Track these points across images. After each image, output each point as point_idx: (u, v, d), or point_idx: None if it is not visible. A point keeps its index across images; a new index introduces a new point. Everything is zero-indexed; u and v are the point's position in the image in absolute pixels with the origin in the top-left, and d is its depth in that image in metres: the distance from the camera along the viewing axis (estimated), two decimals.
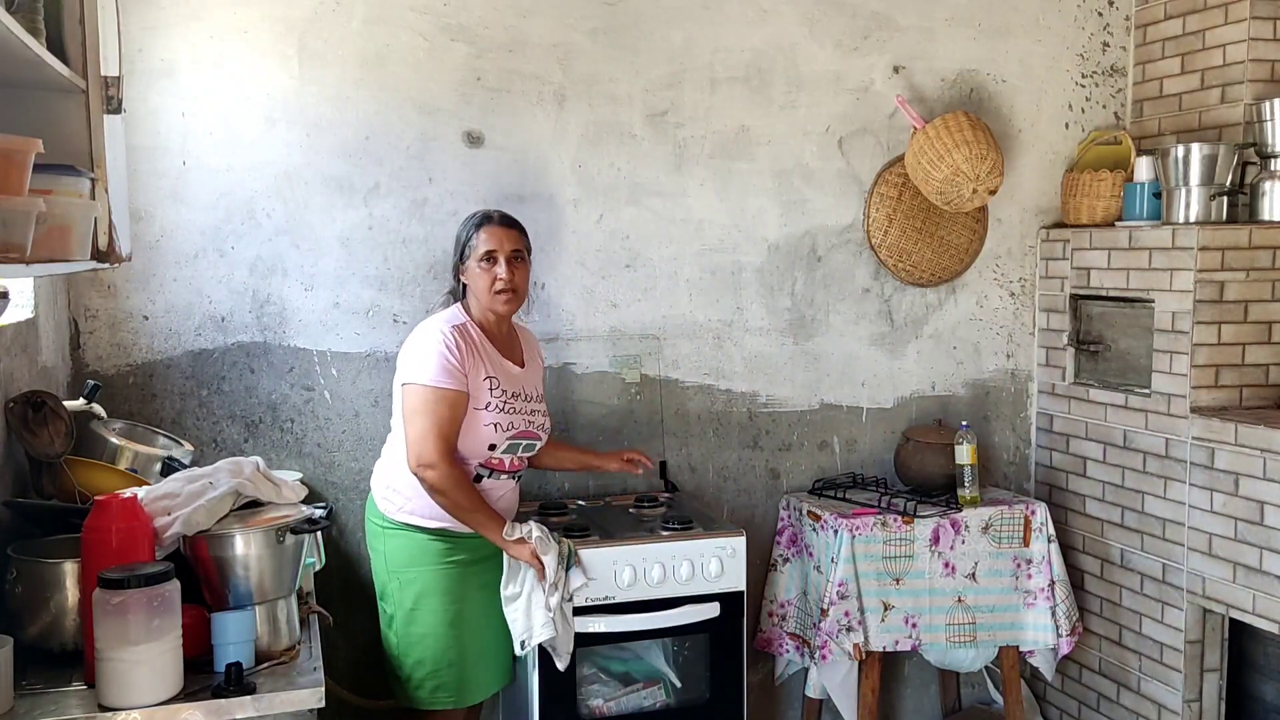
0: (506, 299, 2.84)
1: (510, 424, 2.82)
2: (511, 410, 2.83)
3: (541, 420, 2.94)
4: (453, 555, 2.80)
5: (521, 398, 2.87)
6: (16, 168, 1.61)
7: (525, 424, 2.87)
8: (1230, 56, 3.44)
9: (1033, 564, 3.39)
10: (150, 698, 1.83)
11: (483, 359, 2.81)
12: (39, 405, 2.34)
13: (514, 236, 2.88)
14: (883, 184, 3.63)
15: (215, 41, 3.06)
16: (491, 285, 2.82)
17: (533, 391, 2.93)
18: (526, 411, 2.88)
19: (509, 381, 2.85)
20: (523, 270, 2.88)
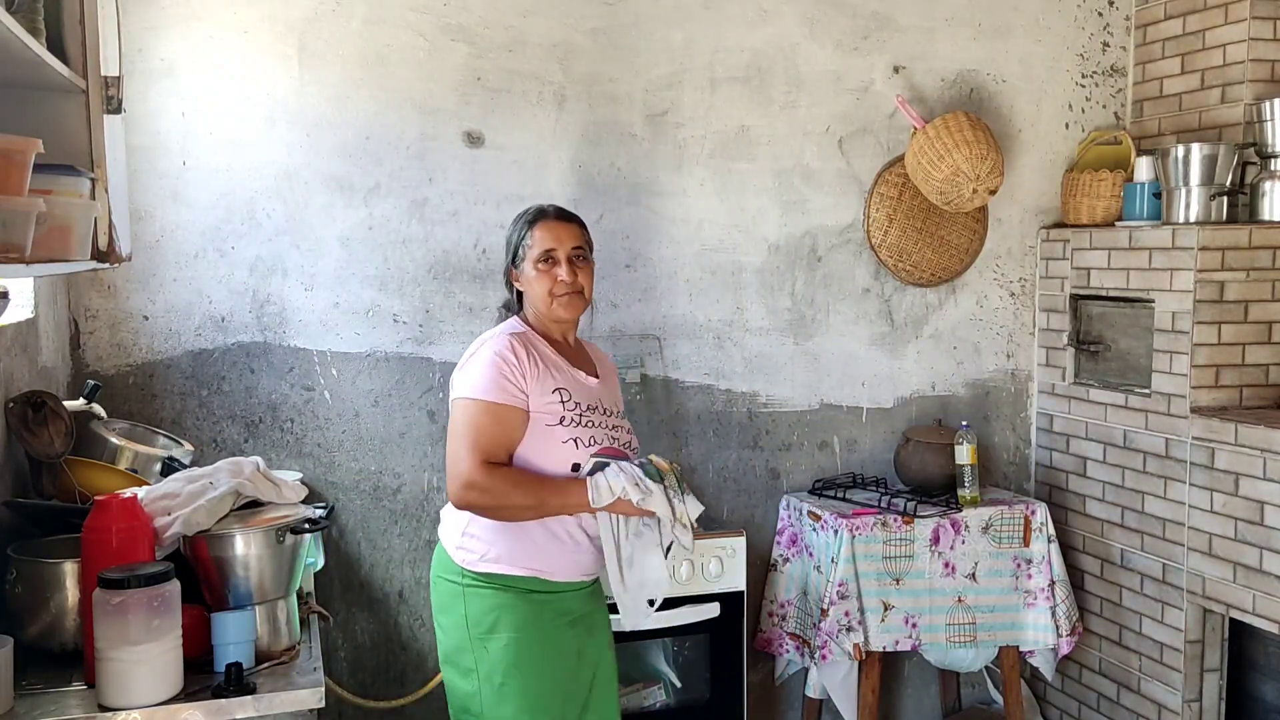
0: (569, 302, 2.50)
1: (591, 439, 2.43)
2: (590, 424, 2.44)
3: (627, 439, 2.53)
4: (553, 612, 2.38)
5: (599, 411, 2.49)
6: (16, 168, 1.61)
7: (609, 440, 2.46)
8: (1230, 56, 3.44)
9: (1033, 564, 3.39)
10: (150, 698, 1.83)
11: (549, 369, 2.45)
12: (39, 405, 2.34)
13: (574, 232, 2.55)
14: (883, 184, 3.63)
15: (215, 41, 3.06)
16: (551, 288, 2.49)
17: (612, 406, 2.55)
18: (608, 427, 2.48)
19: (582, 394, 2.48)
20: (587, 270, 2.54)
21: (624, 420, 2.57)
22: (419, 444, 3.31)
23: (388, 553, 3.32)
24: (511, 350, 2.42)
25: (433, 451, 3.32)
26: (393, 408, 3.28)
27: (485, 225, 3.31)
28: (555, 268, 2.50)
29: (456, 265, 3.30)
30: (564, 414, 2.42)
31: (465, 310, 3.32)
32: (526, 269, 2.53)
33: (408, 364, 3.28)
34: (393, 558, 3.33)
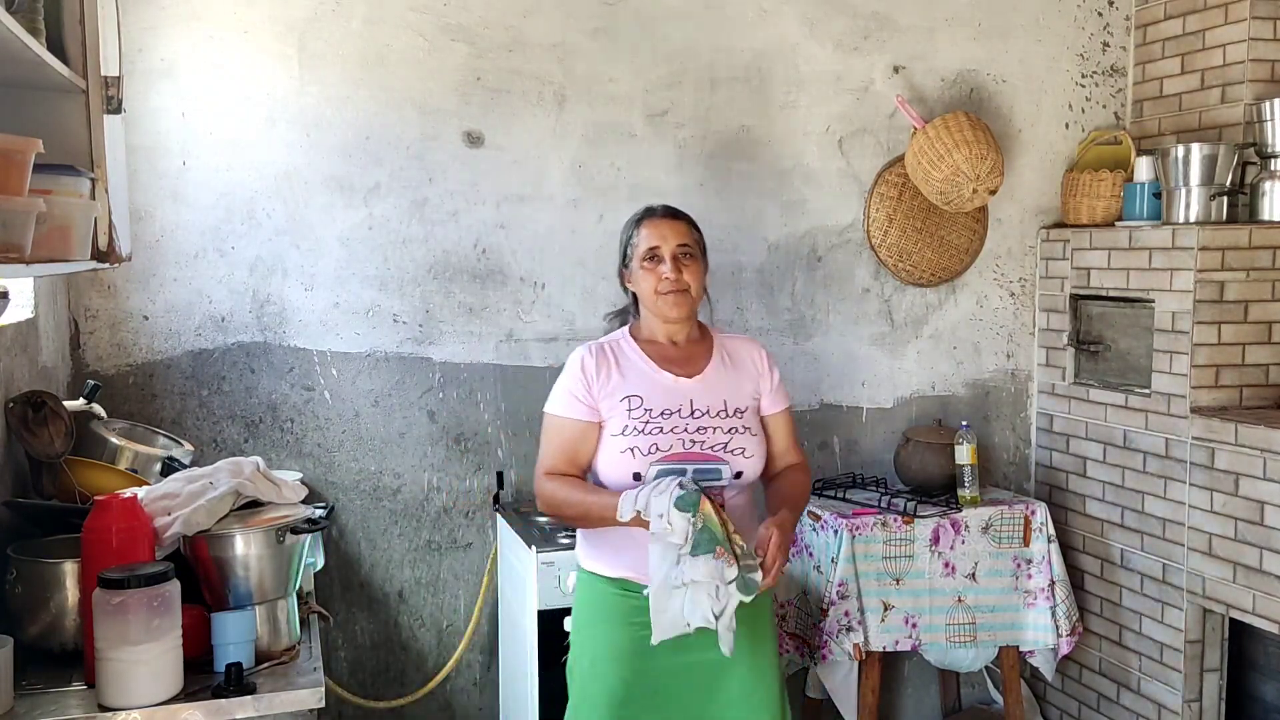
0: (674, 301, 2.44)
1: (653, 446, 2.35)
2: (655, 431, 2.37)
3: (724, 439, 2.40)
4: (638, 616, 2.30)
5: (679, 414, 2.39)
6: (16, 168, 1.61)
7: (683, 444, 2.37)
8: (1230, 56, 3.43)
9: (1033, 564, 3.39)
10: (150, 698, 1.83)
11: (625, 376, 2.43)
12: (39, 405, 2.34)
13: (680, 229, 2.49)
14: (883, 184, 3.63)
15: (215, 41, 3.06)
16: (656, 286, 2.44)
17: (706, 406, 2.42)
18: (689, 429, 2.39)
19: (661, 397, 2.40)
20: (694, 268, 2.46)
21: (731, 420, 2.43)
22: (419, 444, 3.31)
23: (388, 553, 3.32)
24: (582, 363, 2.44)
25: (432, 451, 3.32)
26: (393, 408, 3.28)
27: (485, 225, 3.31)
28: (660, 265, 2.46)
29: (456, 265, 3.30)
30: (627, 422, 2.39)
31: (465, 310, 3.32)
32: (634, 268, 2.50)
33: (408, 364, 3.28)
34: (393, 558, 3.33)
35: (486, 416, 3.37)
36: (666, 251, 2.45)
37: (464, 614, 3.39)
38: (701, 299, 2.52)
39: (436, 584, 3.37)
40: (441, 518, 3.36)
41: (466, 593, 3.39)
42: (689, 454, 2.37)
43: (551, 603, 2.88)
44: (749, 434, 2.44)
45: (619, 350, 2.49)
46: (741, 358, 2.54)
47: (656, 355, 2.48)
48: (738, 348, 2.56)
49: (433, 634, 3.39)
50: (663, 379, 2.44)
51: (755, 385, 2.51)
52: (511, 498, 3.39)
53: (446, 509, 3.36)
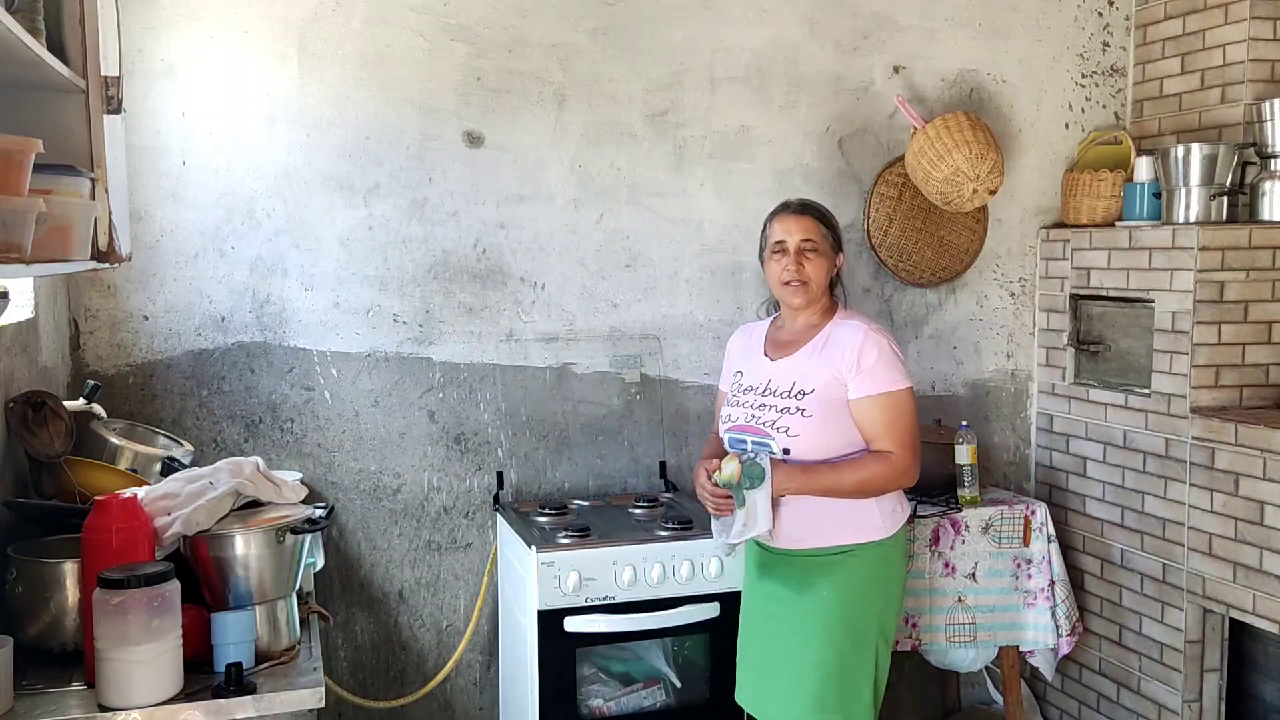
0: (794, 291, 2.67)
1: (729, 416, 2.72)
2: (736, 402, 2.72)
3: (774, 416, 2.62)
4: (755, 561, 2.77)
5: (756, 391, 2.69)
6: (16, 168, 1.61)
7: (746, 417, 2.67)
8: (1230, 56, 3.43)
9: (1033, 564, 3.39)
10: (150, 698, 1.83)
11: (745, 354, 2.81)
12: (39, 405, 2.34)
13: (806, 225, 2.70)
14: (883, 184, 3.63)
15: (215, 41, 3.06)
16: (780, 276, 2.70)
17: (776, 386, 2.66)
18: (754, 405, 2.67)
19: (753, 375, 2.74)
20: (816, 262, 2.67)
21: (793, 400, 2.62)
22: (419, 444, 3.31)
23: (388, 553, 3.32)
24: (734, 341, 2.92)
25: (432, 451, 3.32)
26: (393, 408, 3.28)
27: (485, 225, 3.31)
28: (784, 257, 2.69)
29: (456, 265, 3.30)
30: (729, 393, 2.80)
31: (465, 310, 3.32)
32: (766, 256, 2.78)
33: (408, 364, 3.28)
34: (393, 558, 3.33)
35: (486, 416, 3.37)
36: (791, 245, 2.70)
37: (464, 614, 3.39)
38: (824, 290, 2.73)
39: (436, 584, 3.37)
40: (441, 518, 3.36)
41: (466, 593, 3.40)
42: (747, 427, 2.67)
43: (551, 603, 2.88)
44: (800, 415, 2.60)
45: (756, 331, 2.86)
46: (835, 342, 2.66)
47: (772, 337, 2.80)
48: (841, 334, 2.67)
49: (433, 634, 3.39)
50: (760, 359, 2.76)
51: (837, 370, 2.61)
52: (511, 498, 3.39)
53: (446, 509, 3.36)
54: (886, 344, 2.64)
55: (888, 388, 2.60)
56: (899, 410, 2.61)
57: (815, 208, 2.78)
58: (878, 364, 2.59)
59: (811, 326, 2.72)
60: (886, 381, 2.60)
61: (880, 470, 2.58)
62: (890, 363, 2.61)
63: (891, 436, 2.59)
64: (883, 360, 2.60)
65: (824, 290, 2.71)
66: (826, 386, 2.60)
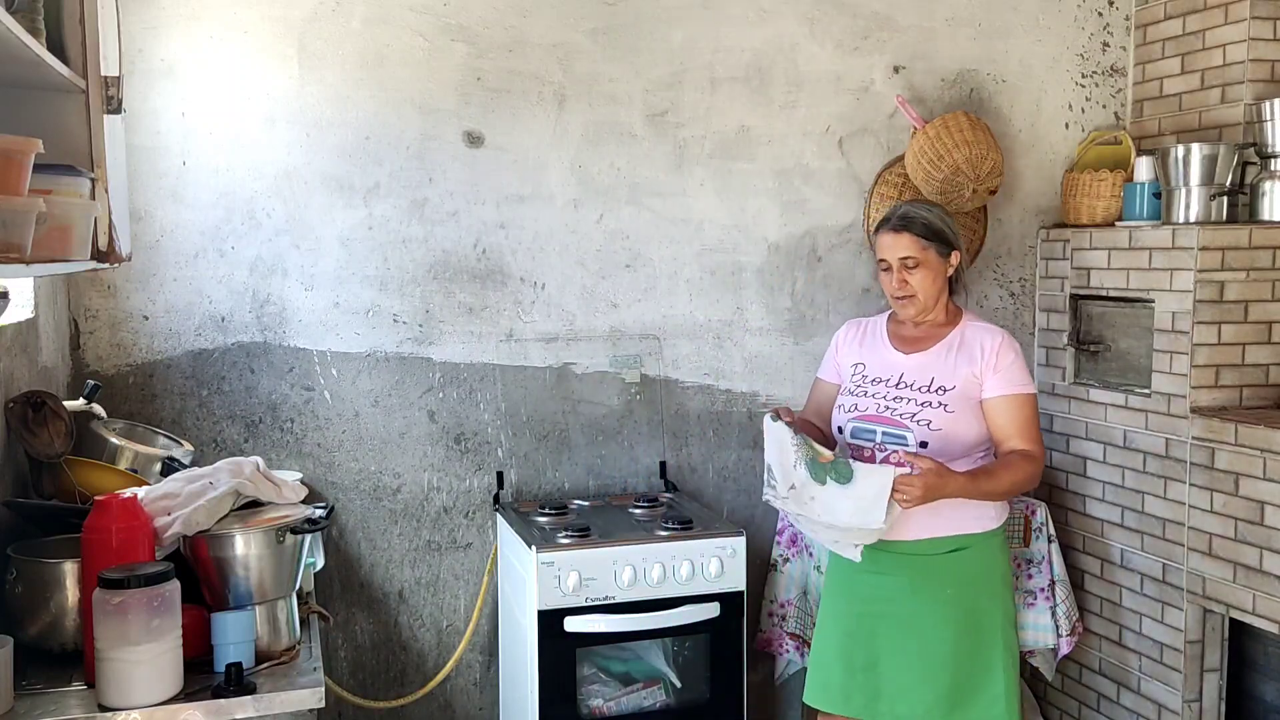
0: (902, 305, 2.79)
1: (854, 405, 2.78)
2: (861, 393, 2.79)
3: (914, 410, 2.71)
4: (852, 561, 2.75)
5: (887, 383, 2.78)
6: (16, 168, 1.61)
7: (878, 408, 2.75)
8: (1230, 56, 3.43)
9: (1033, 564, 3.39)
10: (150, 698, 1.83)
11: (864, 347, 2.88)
12: (39, 405, 2.34)
13: (904, 242, 2.76)
14: (883, 184, 3.63)
15: (215, 41, 3.06)
16: (890, 292, 2.81)
17: (913, 380, 2.76)
18: (888, 397, 2.75)
19: (881, 368, 2.81)
20: (922, 274, 2.75)
21: (934, 395, 2.71)
22: (419, 444, 3.31)
23: (388, 553, 3.32)
24: (839, 333, 2.98)
25: (432, 451, 3.32)
26: (393, 408, 3.28)
27: (485, 225, 3.31)
28: (890, 274, 2.78)
29: (456, 265, 3.30)
30: (849, 384, 2.85)
31: (465, 310, 3.32)
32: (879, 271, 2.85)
33: (408, 364, 3.28)
34: (393, 558, 3.33)
35: (486, 416, 3.37)
36: (894, 262, 2.77)
37: (464, 614, 3.39)
38: (936, 297, 2.79)
39: (436, 584, 3.37)
40: (441, 518, 3.36)
41: (466, 593, 3.40)
42: (880, 417, 2.73)
43: (551, 603, 2.88)
44: (943, 410, 2.69)
45: (872, 325, 2.93)
46: (971, 343, 2.78)
47: (896, 333, 2.87)
48: (975, 334, 2.80)
49: (433, 634, 3.39)
50: (887, 352, 2.83)
51: (976, 369, 2.74)
52: (511, 498, 3.39)
53: (446, 509, 3.36)
54: (1019, 349, 2.81)
55: (1024, 389, 2.74)
56: (1033, 410, 2.76)
57: (913, 222, 2.77)
58: (1014, 366, 2.75)
59: (941, 325, 2.83)
60: (1021, 383, 2.74)
61: (1031, 469, 2.69)
62: (1023, 367, 2.78)
63: (1027, 434, 2.72)
64: (1018, 363, 2.76)
65: (936, 297, 2.79)
66: (965, 383, 2.72)
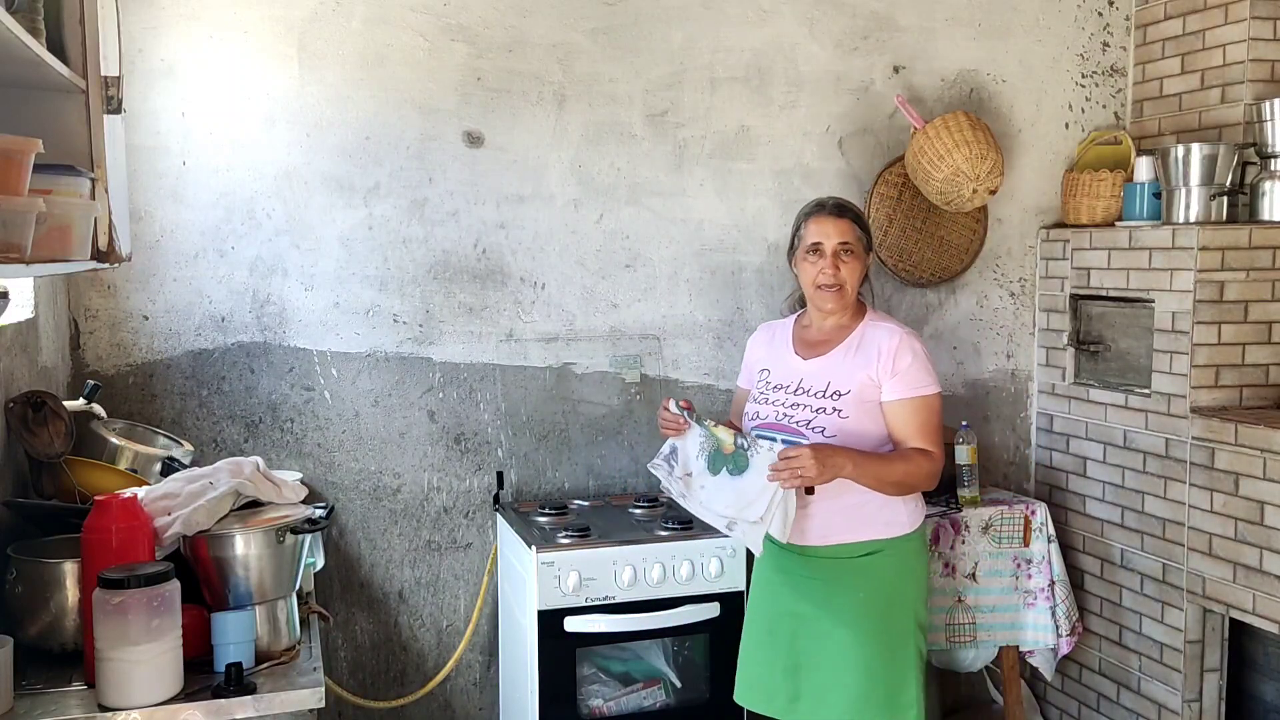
0: (830, 295, 2.65)
1: (757, 414, 2.70)
2: (764, 400, 2.70)
3: (809, 416, 2.62)
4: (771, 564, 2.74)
5: (786, 389, 2.69)
6: (16, 168, 1.61)
7: (776, 415, 2.66)
8: (1230, 56, 3.43)
9: (1033, 564, 3.39)
10: (150, 698, 1.83)
11: (770, 351, 2.78)
12: (39, 405, 2.34)
13: (844, 227, 2.66)
14: (883, 184, 3.63)
15: (215, 41, 3.06)
16: (815, 279, 2.66)
17: (810, 386, 2.66)
18: (785, 404, 2.66)
19: (783, 374, 2.71)
20: (852, 265, 2.65)
21: (828, 401, 2.62)
22: (419, 444, 3.31)
23: (388, 553, 3.32)
24: (754, 338, 2.89)
25: (432, 451, 3.32)
26: (393, 408, 3.28)
27: (485, 225, 3.31)
28: (820, 260, 2.65)
29: (456, 265, 3.30)
30: (755, 391, 2.76)
31: (465, 310, 3.32)
32: (799, 256, 2.71)
33: (408, 364, 3.28)
34: (393, 558, 3.33)
35: (486, 416, 3.37)
36: (828, 248, 2.65)
37: (464, 614, 3.39)
38: (855, 293, 2.70)
39: (436, 584, 3.37)
40: (441, 518, 3.36)
41: (466, 593, 3.40)
42: (778, 425, 2.65)
43: (551, 603, 2.88)
44: (837, 415, 2.61)
45: (781, 329, 2.82)
46: (869, 344, 2.65)
47: (801, 336, 2.76)
48: (873, 335, 2.67)
49: (433, 634, 3.39)
50: (789, 357, 2.73)
51: (872, 371, 2.62)
52: (511, 497, 3.39)
53: (446, 509, 3.36)
54: (920, 348, 2.67)
55: (922, 391, 2.64)
56: (931, 412, 2.65)
57: (852, 209, 2.73)
58: (912, 367, 2.62)
59: (842, 327, 2.72)
60: (920, 385, 2.63)
61: (925, 465, 2.62)
62: (924, 366, 2.65)
63: (926, 436, 2.63)
64: (917, 363, 2.63)
65: (856, 292, 2.71)
66: (862, 388, 2.62)
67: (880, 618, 2.64)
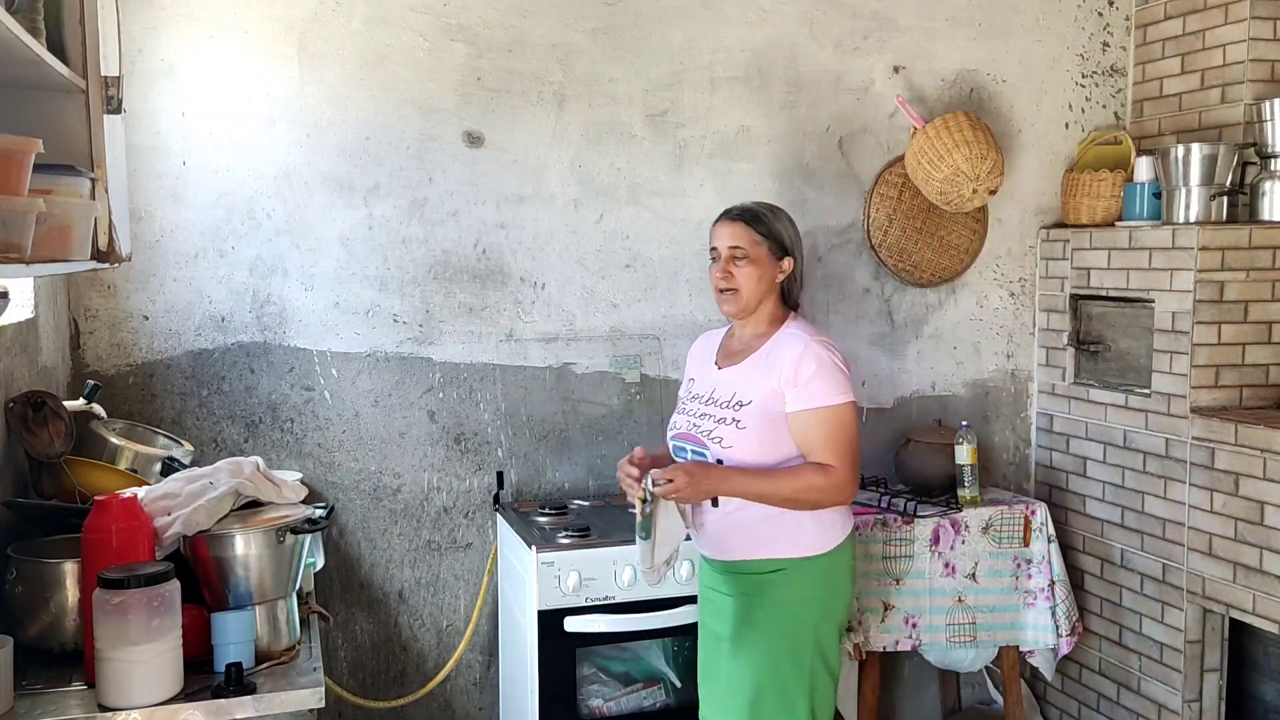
0: (723, 299, 2.62)
1: (675, 424, 2.68)
2: (681, 409, 2.69)
3: (711, 426, 2.55)
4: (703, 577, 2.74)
5: (700, 399, 2.63)
6: (16, 168, 1.61)
7: (688, 425, 2.63)
8: (1230, 56, 3.43)
9: (1033, 564, 3.39)
10: (150, 698, 1.83)
11: (697, 360, 2.76)
12: (39, 405, 2.34)
13: (737, 232, 2.59)
14: (883, 184, 3.63)
15: (215, 41, 3.06)
16: (713, 284, 2.65)
17: (723, 397, 2.58)
18: (696, 414, 2.62)
19: (702, 383, 2.67)
20: (748, 270, 2.57)
21: (731, 411, 2.53)
22: (419, 444, 3.31)
23: (388, 553, 3.32)
24: (692, 347, 2.85)
25: (432, 451, 3.32)
26: (393, 408, 3.28)
27: (485, 225, 3.31)
28: (716, 265, 2.64)
29: (456, 265, 3.30)
30: (679, 400, 2.76)
31: (465, 310, 3.32)
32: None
33: (408, 364, 3.28)
34: (393, 558, 3.33)
35: (486, 416, 3.37)
36: (722, 251, 2.62)
37: (464, 614, 3.39)
38: (759, 299, 2.60)
39: (436, 584, 3.37)
40: (441, 518, 3.36)
41: (466, 593, 3.40)
42: (688, 435, 2.63)
43: (551, 603, 2.88)
44: (736, 426, 2.52)
45: (714, 338, 2.79)
46: (777, 354, 2.54)
47: (725, 346, 2.73)
48: (783, 344, 2.56)
49: (433, 634, 3.39)
50: (710, 367, 2.69)
51: (775, 382, 2.50)
52: (511, 498, 3.39)
53: (446, 509, 3.36)
54: (828, 356, 2.52)
55: (826, 402, 2.48)
56: (838, 424, 2.48)
57: (752, 214, 2.62)
58: (816, 377, 2.48)
59: (759, 336, 2.62)
60: (825, 395, 2.48)
61: (818, 481, 2.45)
62: (831, 375, 2.49)
63: (830, 450, 2.47)
64: (822, 373, 2.48)
65: (760, 298, 2.60)
66: (765, 399, 2.50)
67: (775, 638, 2.52)
